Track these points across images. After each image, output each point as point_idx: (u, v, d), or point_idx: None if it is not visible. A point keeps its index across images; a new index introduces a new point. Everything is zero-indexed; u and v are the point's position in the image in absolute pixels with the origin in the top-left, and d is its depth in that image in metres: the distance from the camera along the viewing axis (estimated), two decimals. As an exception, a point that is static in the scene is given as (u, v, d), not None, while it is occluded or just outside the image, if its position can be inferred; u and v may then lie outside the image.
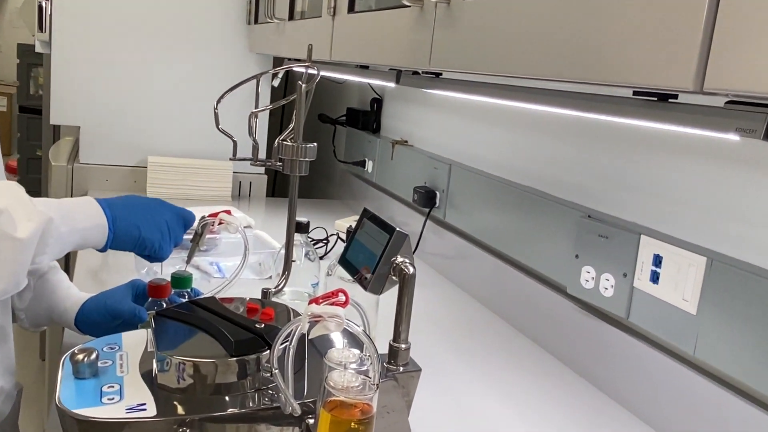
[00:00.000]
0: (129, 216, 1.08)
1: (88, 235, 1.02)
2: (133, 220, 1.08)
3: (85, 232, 1.02)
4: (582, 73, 0.79)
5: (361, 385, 0.77)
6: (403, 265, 0.96)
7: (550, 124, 1.50)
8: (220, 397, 0.90)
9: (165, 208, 1.15)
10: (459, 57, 1.06)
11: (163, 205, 1.15)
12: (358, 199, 2.57)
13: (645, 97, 0.86)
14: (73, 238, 1.00)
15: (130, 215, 1.08)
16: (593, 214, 1.32)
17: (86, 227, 1.02)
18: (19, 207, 0.91)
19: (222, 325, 0.97)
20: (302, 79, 1.14)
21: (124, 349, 1.00)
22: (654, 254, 1.16)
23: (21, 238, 0.89)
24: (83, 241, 1.02)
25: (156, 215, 1.12)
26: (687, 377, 1.10)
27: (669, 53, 0.67)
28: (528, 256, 1.53)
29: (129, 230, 1.07)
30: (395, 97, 2.36)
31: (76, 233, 1.00)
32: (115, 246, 1.07)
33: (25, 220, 0.90)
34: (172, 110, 2.48)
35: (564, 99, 1.04)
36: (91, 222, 1.03)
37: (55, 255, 0.98)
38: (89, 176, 2.43)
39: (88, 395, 0.87)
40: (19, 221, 0.90)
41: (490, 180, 1.67)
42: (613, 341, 1.25)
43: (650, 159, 1.22)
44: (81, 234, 1.01)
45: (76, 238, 1.00)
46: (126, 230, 1.06)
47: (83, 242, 1.02)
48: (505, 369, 1.33)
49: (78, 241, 1.01)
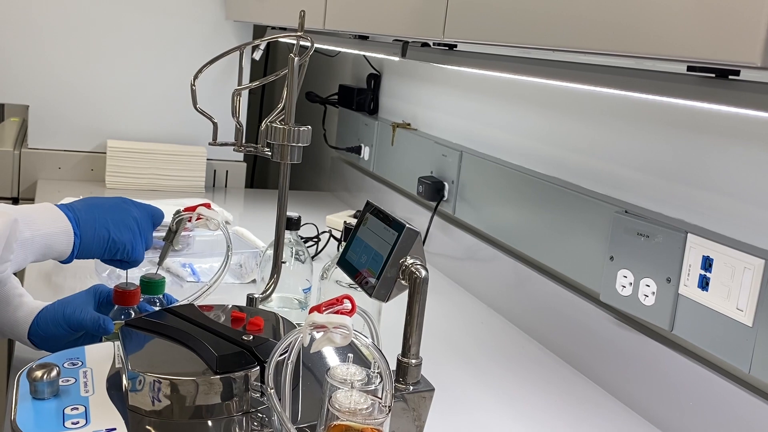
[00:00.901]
0: (94, 217, 1.09)
1: (53, 241, 1.04)
2: (99, 221, 1.09)
3: (49, 238, 1.03)
4: (627, 45, 0.79)
5: (371, 408, 0.77)
6: (414, 267, 0.96)
7: (580, 105, 1.50)
8: (202, 421, 0.90)
9: (131, 205, 1.16)
10: (479, 26, 1.06)
11: (127, 202, 1.16)
12: (352, 191, 2.57)
13: (701, 74, 0.86)
14: (37, 244, 1.01)
15: (95, 216, 1.09)
16: (631, 209, 1.32)
17: (50, 232, 1.03)
18: None
19: (203, 336, 0.97)
20: (294, 51, 1.13)
21: (88, 365, 1.00)
22: (703, 256, 1.16)
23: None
24: (47, 248, 1.03)
25: (123, 214, 1.13)
26: (741, 399, 1.10)
27: (731, 22, 0.66)
28: (553, 258, 1.53)
29: (97, 232, 1.08)
30: (396, 73, 2.35)
31: (40, 239, 1.01)
32: (83, 253, 1.08)
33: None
34: (135, 87, 2.47)
35: (602, 75, 1.04)
36: (55, 226, 1.04)
37: (18, 263, 0.99)
38: (39, 163, 2.42)
39: (49, 419, 0.87)
40: None
41: (508, 169, 1.67)
42: (653, 357, 1.25)
43: (700, 145, 1.22)
44: (45, 240, 1.02)
45: (40, 245, 1.02)
46: (93, 233, 1.07)
47: (47, 250, 1.03)
48: (527, 389, 1.34)
49: (42, 249, 1.03)
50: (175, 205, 1.86)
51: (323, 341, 0.79)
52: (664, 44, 0.74)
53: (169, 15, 2.45)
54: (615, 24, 0.80)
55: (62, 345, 1.13)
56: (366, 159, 2.42)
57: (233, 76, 1.26)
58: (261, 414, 0.92)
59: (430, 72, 2.11)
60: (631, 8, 0.78)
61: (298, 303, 1.41)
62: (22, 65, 2.36)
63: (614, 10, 0.80)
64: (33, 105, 2.41)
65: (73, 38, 2.38)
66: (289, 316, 1.11)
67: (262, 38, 1.38)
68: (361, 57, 2.53)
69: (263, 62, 3.22)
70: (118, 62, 2.44)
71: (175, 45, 2.47)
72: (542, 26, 0.92)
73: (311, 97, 2.73)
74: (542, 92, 1.62)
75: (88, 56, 2.41)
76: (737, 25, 0.66)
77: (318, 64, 2.87)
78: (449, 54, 1.42)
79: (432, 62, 1.56)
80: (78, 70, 2.41)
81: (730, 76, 0.84)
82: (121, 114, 2.48)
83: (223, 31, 2.50)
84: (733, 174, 1.16)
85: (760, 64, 0.62)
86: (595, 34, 0.83)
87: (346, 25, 1.55)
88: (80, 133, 2.46)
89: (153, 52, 2.47)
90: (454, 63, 1.45)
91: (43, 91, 2.40)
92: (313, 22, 1.59)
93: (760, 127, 1.11)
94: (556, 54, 1.11)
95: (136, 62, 2.46)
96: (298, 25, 1.18)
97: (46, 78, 2.39)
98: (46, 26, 2.35)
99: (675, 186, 1.26)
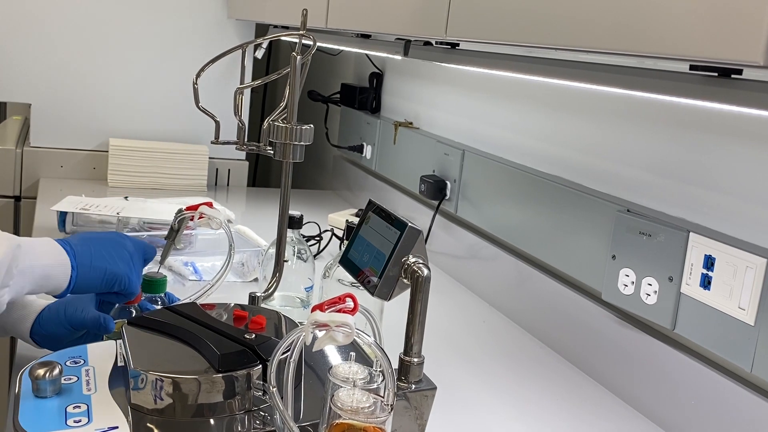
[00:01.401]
0: (90, 250, 1.10)
1: (50, 272, 1.05)
2: (96, 254, 1.10)
3: (46, 269, 1.04)
4: (629, 44, 0.79)
5: (373, 406, 0.77)
6: (416, 266, 0.96)
7: (582, 104, 1.50)
8: (204, 420, 0.90)
9: (125, 239, 1.18)
10: (481, 25, 1.06)
11: (122, 236, 1.18)
12: (354, 189, 2.57)
13: (703, 73, 0.86)
14: (36, 275, 1.02)
15: (91, 249, 1.10)
16: (633, 208, 1.32)
17: (48, 264, 1.04)
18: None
19: (205, 335, 0.97)
20: (296, 49, 1.13)
21: (90, 364, 1.00)
22: (705, 255, 1.16)
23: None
24: (44, 279, 1.04)
25: (118, 247, 1.14)
26: (743, 398, 1.10)
27: (734, 21, 0.66)
28: (555, 257, 1.53)
29: (94, 265, 1.09)
30: (398, 71, 2.35)
31: (38, 269, 1.02)
32: (79, 286, 1.08)
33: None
34: (137, 85, 2.47)
35: (605, 74, 1.03)
36: (53, 259, 1.05)
37: (15, 291, 1.00)
38: (41, 162, 2.42)
39: (52, 417, 0.87)
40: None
41: (510, 168, 1.67)
42: (655, 356, 1.25)
43: (702, 144, 1.22)
44: (42, 271, 1.03)
45: (37, 276, 1.03)
46: (90, 266, 1.08)
47: (44, 281, 1.04)
48: (528, 387, 1.34)
49: (39, 280, 1.03)
50: (177, 203, 1.87)
51: (325, 340, 0.79)
52: (667, 43, 0.74)
53: (172, 13, 2.45)
54: (617, 23, 0.80)
55: (64, 344, 1.13)
56: (368, 158, 2.42)
57: (235, 75, 1.26)
58: (263, 412, 0.92)
59: (432, 71, 2.11)
60: (634, 7, 0.78)
61: (300, 301, 1.41)
62: (25, 64, 2.36)
63: (617, 10, 0.80)
64: (35, 103, 2.41)
65: (75, 37, 2.38)
66: (292, 315, 1.11)
67: (265, 37, 1.39)
68: (364, 56, 2.53)
69: (265, 61, 3.22)
70: (121, 61, 2.44)
71: (178, 43, 2.47)
72: (544, 25, 0.92)
73: (313, 96, 2.72)
74: (544, 91, 1.62)
75: (91, 55, 2.41)
76: (740, 24, 0.66)
77: (320, 63, 2.87)
78: (451, 53, 1.42)
79: (434, 61, 1.56)
80: (80, 69, 2.41)
81: (732, 75, 0.84)
82: (124, 112, 2.48)
83: (225, 29, 2.50)
84: (735, 173, 1.16)
85: (762, 63, 0.62)
86: (597, 34, 0.83)
87: (348, 24, 1.55)
88: (82, 132, 2.46)
89: (155, 51, 2.47)
90: (456, 62, 1.45)
91: (45, 89, 2.40)
92: (316, 20, 1.59)
93: (762, 126, 1.11)
94: (558, 53, 1.11)
95: (138, 61, 2.46)
96: (301, 24, 1.18)
97: (49, 76, 2.39)
98: (48, 25, 2.35)
99: (677, 185, 1.26)
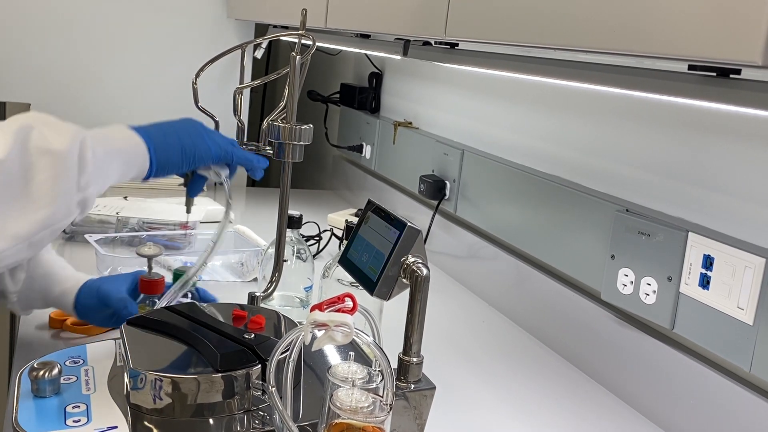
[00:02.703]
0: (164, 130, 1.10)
1: (129, 155, 1.04)
2: (169, 133, 1.10)
3: (123, 153, 1.03)
4: (628, 44, 0.79)
5: (372, 406, 0.77)
6: (416, 265, 0.96)
7: (581, 103, 1.50)
8: (203, 420, 0.90)
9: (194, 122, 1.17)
10: (481, 25, 1.06)
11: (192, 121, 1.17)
12: (353, 189, 2.57)
13: (702, 72, 0.86)
14: (114, 161, 1.01)
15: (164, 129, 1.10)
16: (632, 208, 1.32)
17: (123, 147, 1.03)
18: (49, 123, 0.95)
19: (205, 335, 0.97)
20: (295, 49, 1.13)
21: (90, 363, 1.00)
22: (704, 255, 1.16)
23: (59, 149, 0.91)
24: (125, 164, 1.03)
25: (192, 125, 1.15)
26: (742, 397, 1.10)
27: (732, 21, 0.67)
28: (555, 257, 1.53)
29: (168, 141, 1.08)
30: (398, 71, 2.35)
31: (115, 154, 1.01)
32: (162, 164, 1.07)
33: (57, 135, 0.93)
34: (136, 85, 2.47)
35: (604, 74, 1.04)
36: (127, 143, 1.04)
37: (98, 180, 0.97)
38: (41, 162, 2.41)
39: (51, 417, 0.87)
40: (52, 136, 0.92)
41: (510, 168, 1.67)
42: (654, 355, 1.25)
43: (701, 144, 1.22)
44: (120, 155, 1.02)
45: (117, 161, 1.02)
46: (165, 144, 1.08)
47: (126, 166, 1.03)
48: (528, 387, 1.34)
49: (120, 165, 1.02)
50: (177, 203, 1.87)
51: (324, 339, 0.79)
52: (666, 43, 0.74)
53: (171, 13, 2.45)
54: (616, 23, 0.80)
55: (99, 320, 1.25)
56: (367, 157, 2.42)
57: (235, 75, 1.26)
58: (262, 412, 0.92)
59: (431, 71, 2.11)
60: (633, 7, 0.78)
61: (300, 301, 1.41)
62: (24, 64, 2.36)
63: (616, 9, 0.80)
64: (34, 103, 2.40)
65: (75, 37, 2.38)
66: (291, 315, 1.11)
67: (264, 37, 1.39)
68: (363, 55, 2.53)
69: (265, 61, 3.22)
70: (120, 60, 2.44)
71: (177, 43, 2.47)
72: (543, 25, 0.92)
73: (313, 96, 2.72)
74: (543, 91, 1.62)
75: (90, 55, 2.41)
76: (738, 24, 0.66)
77: (320, 63, 2.87)
78: (451, 53, 1.42)
79: (433, 61, 1.56)
80: (79, 69, 2.41)
81: (731, 74, 0.84)
82: (123, 112, 2.48)
83: (224, 29, 2.50)
84: (733, 173, 1.16)
85: (761, 62, 0.62)
86: (596, 33, 0.83)
87: (347, 24, 1.55)
88: (82, 132, 2.45)
89: (155, 51, 2.46)
90: (455, 62, 1.45)
91: (44, 89, 2.39)
92: (315, 20, 1.59)
93: (760, 125, 1.11)
94: (557, 53, 1.11)
95: (137, 61, 2.45)
96: (300, 24, 1.18)
97: (48, 76, 2.39)
98: (48, 24, 2.35)
99: (676, 185, 1.26)
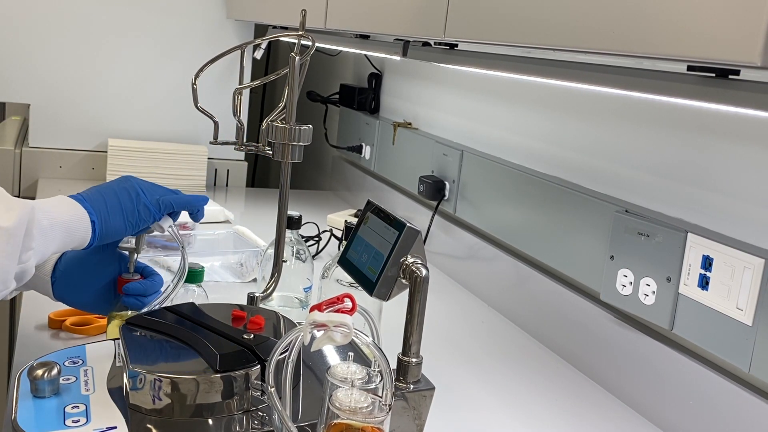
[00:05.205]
0: (103, 196, 1.10)
1: (72, 227, 1.04)
2: (109, 199, 1.10)
3: (67, 225, 1.04)
4: (627, 44, 0.79)
5: (371, 406, 0.77)
6: (415, 266, 0.96)
7: (580, 104, 1.50)
8: (202, 420, 0.90)
9: (130, 180, 1.17)
10: (480, 25, 1.06)
11: (128, 179, 1.18)
12: (353, 190, 2.57)
13: (701, 73, 0.86)
14: (57, 232, 1.02)
15: (102, 194, 1.10)
16: (631, 209, 1.32)
17: (68, 220, 1.04)
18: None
19: (204, 335, 0.97)
20: (295, 50, 1.13)
21: (89, 364, 1.00)
22: (703, 255, 1.16)
23: (6, 226, 0.92)
24: (68, 235, 1.04)
25: (127, 187, 1.15)
26: (741, 398, 1.10)
27: (731, 22, 0.67)
28: (554, 258, 1.53)
29: (109, 206, 1.09)
30: (397, 72, 2.35)
31: (59, 227, 1.02)
32: (105, 233, 1.07)
33: (5, 210, 0.94)
34: (136, 85, 2.47)
35: (603, 75, 1.04)
36: (71, 214, 1.05)
37: (41, 253, 1.00)
38: (40, 162, 2.41)
39: (50, 417, 0.87)
40: (0, 211, 0.93)
41: (509, 169, 1.67)
42: (654, 356, 1.25)
43: (700, 145, 1.22)
44: (64, 227, 1.03)
45: (60, 233, 1.02)
46: (106, 211, 1.08)
47: (69, 238, 1.04)
48: (527, 388, 1.34)
49: (63, 237, 1.03)
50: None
51: (324, 340, 0.79)
52: (665, 44, 0.74)
53: (171, 14, 2.45)
54: (615, 24, 0.80)
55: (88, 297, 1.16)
56: (367, 158, 2.42)
57: (234, 75, 1.27)
58: (261, 413, 0.92)
59: (431, 71, 2.11)
60: (632, 8, 0.78)
61: (299, 302, 1.41)
62: (23, 64, 2.36)
63: (615, 11, 0.80)
64: (34, 104, 2.41)
65: (74, 37, 2.38)
66: (290, 315, 1.11)
67: (264, 37, 1.39)
68: (362, 56, 2.53)
69: (264, 61, 3.22)
70: (120, 61, 2.44)
71: (177, 44, 2.47)
72: (543, 26, 0.92)
73: (312, 97, 2.73)
74: (543, 92, 1.62)
75: (90, 55, 2.41)
76: (737, 25, 0.66)
77: (319, 64, 2.87)
78: (450, 53, 1.42)
79: (433, 62, 1.56)
80: (79, 69, 2.41)
81: (730, 75, 0.84)
82: (123, 113, 2.48)
83: (224, 30, 2.50)
84: (733, 173, 1.16)
85: (760, 63, 0.62)
86: (595, 34, 0.83)
87: (347, 25, 1.55)
88: (81, 132, 2.45)
89: (154, 51, 2.46)
90: (455, 62, 1.45)
91: (44, 89, 2.39)
92: (315, 21, 1.59)
93: (760, 126, 1.11)
94: (556, 54, 1.11)
95: (137, 61, 2.45)
96: (300, 24, 1.18)
97: (48, 77, 2.39)
98: (47, 25, 2.35)
99: (675, 185, 1.26)
